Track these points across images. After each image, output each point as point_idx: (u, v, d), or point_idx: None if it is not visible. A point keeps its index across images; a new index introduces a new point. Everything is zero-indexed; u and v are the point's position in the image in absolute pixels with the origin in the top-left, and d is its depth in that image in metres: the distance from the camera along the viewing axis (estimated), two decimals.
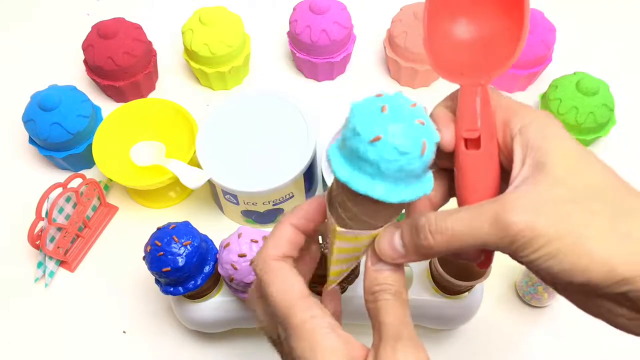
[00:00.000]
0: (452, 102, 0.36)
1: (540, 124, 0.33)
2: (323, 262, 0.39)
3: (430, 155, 0.31)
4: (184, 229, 0.52)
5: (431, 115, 0.35)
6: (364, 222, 0.34)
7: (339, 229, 0.34)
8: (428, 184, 0.33)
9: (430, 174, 0.33)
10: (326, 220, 0.36)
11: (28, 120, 0.69)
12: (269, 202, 0.65)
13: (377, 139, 0.30)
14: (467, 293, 0.57)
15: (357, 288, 0.57)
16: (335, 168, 0.32)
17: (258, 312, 0.36)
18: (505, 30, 0.35)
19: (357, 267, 0.54)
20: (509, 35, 0.34)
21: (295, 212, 0.35)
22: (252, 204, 0.65)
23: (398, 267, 0.35)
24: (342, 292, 0.57)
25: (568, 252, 0.29)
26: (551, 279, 0.31)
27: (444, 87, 0.81)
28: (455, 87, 0.36)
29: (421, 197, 0.32)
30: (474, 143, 0.34)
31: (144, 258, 0.52)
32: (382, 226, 0.34)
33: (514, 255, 0.31)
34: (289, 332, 0.33)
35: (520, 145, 0.33)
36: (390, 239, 0.34)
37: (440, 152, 0.34)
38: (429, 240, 0.32)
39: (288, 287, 0.33)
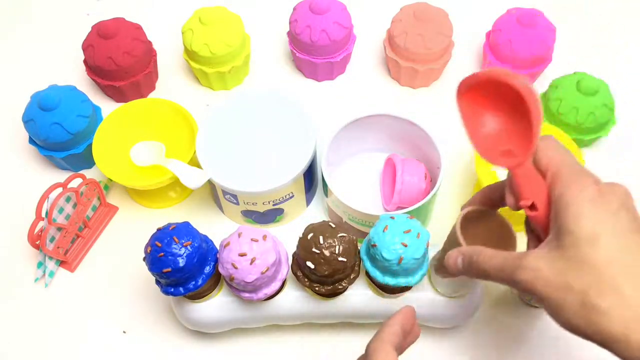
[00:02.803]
0: None
1: (568, 197, 0.42)
2: None
3: (409, 264, 0.50)
4: (184, 230, 0.51)
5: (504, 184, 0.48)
6: None
7: None
8: (409, 279, 0.52)
9: (419, 274, 0.52)
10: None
11: (28, 120, 0.69)
12: (269, 202, 0.65)
13: (374, 245, 0.51)
14: (467, 293, 0.58)
15: (357, 287, 0.57)
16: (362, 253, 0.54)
17: None
18: (523, 119, 0.42)
19: (357, 268, 0.54)
20: (527, 124, 0.42)
21: (397, 316, 0.47)
22: (252, 204, 0.65)
23: None
24: (343, 292, 0.57)
25: (553, 312, 0.41)
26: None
27: (443, 88, 0.81)
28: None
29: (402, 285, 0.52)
30: (532, 207, 0.44)
31: (144, 259, 0.52)
32: None
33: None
34: None
35: (554, 211, 0.43)
36: (455, 260, 0.48)
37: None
38: (475, 271, 0.46)
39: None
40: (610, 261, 0.39)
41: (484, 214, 0.52)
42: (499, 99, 0.44)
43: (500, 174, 0.66)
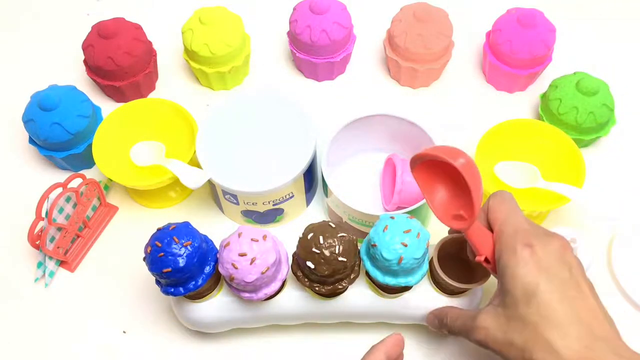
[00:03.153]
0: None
1: (505, 260, 0.46)
2: None
3: (409, 264, 0.50)
4: (184, 230, 0.51)
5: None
6: None
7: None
8: (409, 279, 0.52)
9: (418, 274, 0.52)
10: None
11: (28, 120, 0.69)
12: (269, 202, 0.65)
13: (374, 245, 0.50)
14: (466, 293, 0.58)
15: (357, 287, 0.57)
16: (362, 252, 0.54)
17: None
18: (466, 189, 0.47)
19: (358, 268, 0.54)
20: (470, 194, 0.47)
21: (385, 343, 0.49)
22: (252, 204, 0.65)
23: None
24: (343, 292, 0.57)
25: None
26: None
27: (443, 88, 0.81)
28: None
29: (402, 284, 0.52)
30: (486, 261, 0.49)
31: (144, 259, 0.51)
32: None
33: None
34: None
35: (497, 271, 0.48)
36: (432, 320, 0.56)
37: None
38: (446, 330, 0.54)
39: None
40: (545, 317, 0.43)
41: (461, 240, 0.55)
42: (445, 172, 0.49)
43: (501, 174, 0.66)
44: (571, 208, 0.69)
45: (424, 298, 0.57)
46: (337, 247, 0.50)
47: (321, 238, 0.50)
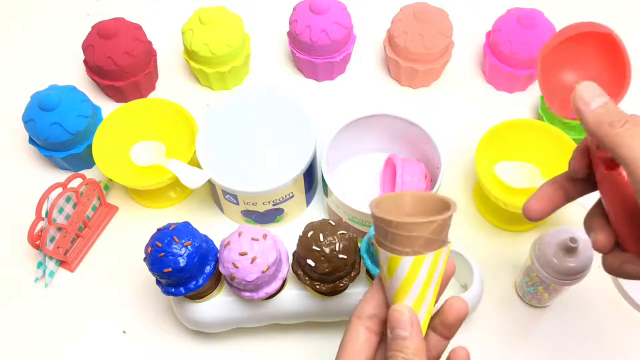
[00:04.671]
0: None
1: None
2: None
3: None
4: (185, 230, 0.51)
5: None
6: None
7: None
8: None
9: None
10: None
11: (28, 120, 0.69)
12: (269, 202, 0.65)
13: (374, 243, 0.44)
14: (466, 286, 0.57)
15: (357, 285, 0.57)
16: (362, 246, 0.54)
17: None
18: (609, 71, 0.44)
19: (358, 266, 0.54)
20: (614, 74, 0.44)
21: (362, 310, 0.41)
22: (252, 204, 0.65)
23: (416, 334, 0.40)
24: (343, 290, 0.57)
25: None
26: None
27: (443, 88, 0.81)
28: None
29: None
30: (613, 164, 0.42)
31: (144, 259, 0.52)
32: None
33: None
34: None
35: None
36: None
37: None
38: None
39: None
40: None
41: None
42: (578, 57, 0.45)
43: (501, 174, 0.66)
44: (572, 208, 0.69)
45: None
46: (337, 244, 0.50)
47: (321, 236, 0.50)
